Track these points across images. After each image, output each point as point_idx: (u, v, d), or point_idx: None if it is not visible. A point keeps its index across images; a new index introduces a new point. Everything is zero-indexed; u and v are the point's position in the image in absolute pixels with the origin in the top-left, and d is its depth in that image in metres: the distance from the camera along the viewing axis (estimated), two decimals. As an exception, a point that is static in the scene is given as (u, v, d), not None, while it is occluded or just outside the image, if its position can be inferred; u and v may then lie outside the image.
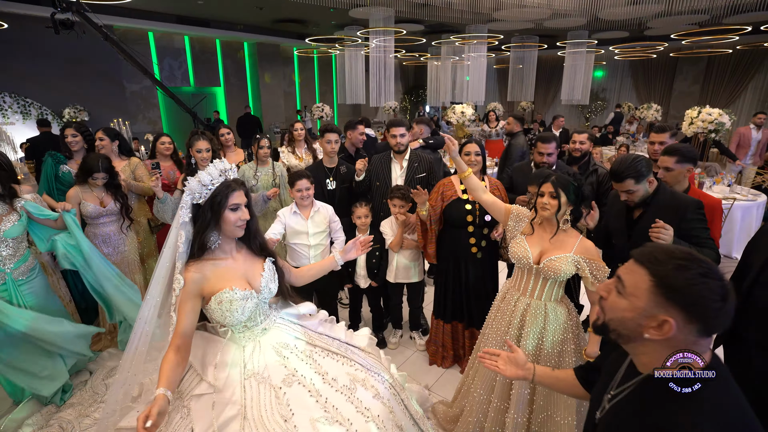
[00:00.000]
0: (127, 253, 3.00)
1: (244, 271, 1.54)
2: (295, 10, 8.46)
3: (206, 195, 1.43)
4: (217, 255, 1.51)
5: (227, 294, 1.43)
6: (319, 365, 1.52)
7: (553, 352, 1.87)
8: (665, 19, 7.95)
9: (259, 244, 1.61)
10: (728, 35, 8.74)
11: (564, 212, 1.81)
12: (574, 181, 1.81)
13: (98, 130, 3.20)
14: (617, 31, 9.59)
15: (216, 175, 1.44)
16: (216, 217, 1.44)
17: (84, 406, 2.43)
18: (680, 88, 13.03)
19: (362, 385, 1.53)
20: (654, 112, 9.57)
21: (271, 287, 1.58)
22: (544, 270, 1.82)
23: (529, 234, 1.92)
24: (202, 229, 1.44)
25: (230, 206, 1.45)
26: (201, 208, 1.44)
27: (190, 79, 10.36)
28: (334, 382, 1.48)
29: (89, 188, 2.81)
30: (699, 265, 0.84)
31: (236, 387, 1.40)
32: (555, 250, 1.82)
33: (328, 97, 14.24)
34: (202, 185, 1.43)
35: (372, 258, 2.91)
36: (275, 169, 3.34)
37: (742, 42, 10.15)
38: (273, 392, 1.40)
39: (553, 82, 14.94)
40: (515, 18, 8.12)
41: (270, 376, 1.43)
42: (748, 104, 12.01)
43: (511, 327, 1.93)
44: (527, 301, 1.91)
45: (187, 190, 1.44)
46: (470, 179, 2.13)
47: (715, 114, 4.57)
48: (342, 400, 1.44)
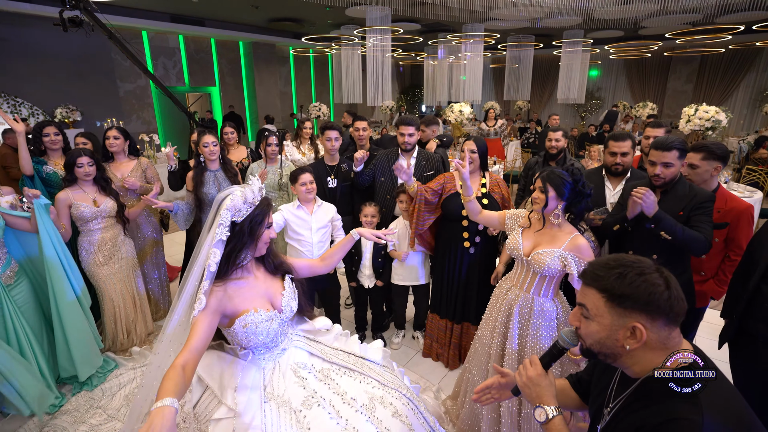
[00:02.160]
0: (124, 261, 2.86)
1: (265, 289, 1.51)
2: (291, 9, 8.42)
3: (246, 212, 1.40)
4: (240, 274, 1.47)
5: (252, 317, 1.40)
6: (337, 384, 1.50)
7: (534, 347, 1.88)
8: (659, 19, 8.01)
9: (274, 263, 1.59)
10: (721, 34, 8.82)
11: (554, 207, 1.81)
12: (567, 178, 1.78)
13: (109, 129, 3.09)
14: (612, 31, 9.64)
15: (257, 192, 1.42)
16: (254, 235, 1.42)
17: (80, 413, 2.37)
18: (674, 86, 13.15)
19: (381, 403, 1.51)
20: (649, 111, 9.63)
21: (293, 306, 1.56)
22: (531, 263, 1.84)
23: (527, 227, 1.94)
24: (239, 248, 1.40)
25: (267, 224, 1.45)
26: (239, 225, 1.40)
27: (185, 79, 10.27)
28: (353, 401, 1.46)
29: (80, 188, 2.65)
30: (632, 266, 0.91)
31: (256, 411, 1.37)
32: (546, 245, 1.83)
33: (324, 96, 14.19)
34: (246, 202, 1.40)
35: (378, 257, 2.89)
36: (283, 168, 3.30)
37: (734, 41, 10.25)
38: (294, 416, 1.37)
39: (548, 81, 15.02)
40: (511, 17, 8.14)
41: (290, 399, 1.41)
42: (741, 102, 12.16)
43: (500, 314, 1.99)
44: (517, 292, 1.95)
45: (229, 207, 1.38)
46: (469, 205, 2.17)
47: (712, 111, 4.59)
48: (362, 420, 1.42)
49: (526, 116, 13.88)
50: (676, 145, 2.01)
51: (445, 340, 2.82)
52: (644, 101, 10.54)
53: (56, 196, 2.59)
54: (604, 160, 2.53)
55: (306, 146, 4.21)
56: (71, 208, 2.61)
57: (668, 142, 2.02)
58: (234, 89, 11.56)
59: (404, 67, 17.02)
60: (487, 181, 2.56)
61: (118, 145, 3.08)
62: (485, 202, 2.49)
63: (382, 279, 2.93)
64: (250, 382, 1.43)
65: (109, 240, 2.77)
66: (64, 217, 2.60)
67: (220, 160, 3.00)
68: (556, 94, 11.18)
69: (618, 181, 2.49)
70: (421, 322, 3.16)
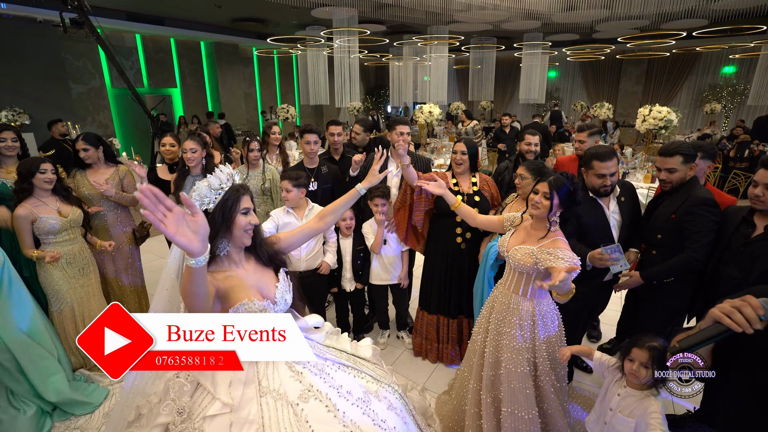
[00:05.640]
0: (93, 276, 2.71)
1: (256, 281, 1.48)
2: (255, 8, 8.24)
3: (215, 200, 1.37)
4: (228, 267, 1.45)
5: (246, 305, 1.38)
6: (332, 378, 1.50)
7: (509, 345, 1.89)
8: (611, 24, 8.51)
9: (267, 253, 1.55)
10: (665, 40, 9.48)
11: (554, 213, 1.82)
12: (570, 186, 1.78)
13: (77, 139, 2.86)
14: (569, 34, 10.13)
15: (224, 179, 1.38)
16: (228, 222, 1.38)
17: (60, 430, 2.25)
18: (625, 87, 13.99)
19: (375, 396, 1.53)
20: (606, 110, 10.18)
21: (287, 298, 1.54)
22: (510, 259, 1.89)
23: (518, 224, 1.99)
24: (212, 236, 1.36)
25: (242, 210, 1.40)
26: (211, 214, 1.37)
27: (143, 80, 9.82)
28: (348, 395, 1.47)
29: (40, 200, 2.43)
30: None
31: (252, 405, 1.35)
32: (527, 242, 1.87)
33: (289, 97, 13.98)
34: (212, 189, 1.36)
35: (357, 260, 2.91)
36: (265, 173, 3.24)
37: (677, 46, 11.02)
38: (291, 409, 1.37)
39: (510, 82, 15.54)
40: (475, 20, 8.37)
41: (286, 393, 1.39)
42: (684, 103, 13.12)
43: (485, 309, 2.05)
44: (500, 289, 2.00)
45: (195, 196, 1.36)
46: (461, 209, 2.21)
47: (664, 112, 4.94)
48: (359, 413, 1.43)
49: (490, 116, 14.29)
50: (680, 151, 2.06)
51: (436, 335, 2.87)
52: (600, 101, 11.12)
53: (14, 213, 2.36)
54: (590, 183, 2.26)
55: (274, 157, 3.74)
56: (35, 223, 2.41)
57: (672, 148, 2.08)
58: (196, 91, 11.17)
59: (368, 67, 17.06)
60: (477, 180, 2.65)
61: (90, 157, 2.86)
62: (477, 199, 2.56)
63: (361, 281, 2.95)
64: (244, 376, 1.40)
65: (78, 252, 2.61)
66: (27, 234, 2.39)
67: (202, 166, 2.91)
68: (517, 95, 11.61)
69: (610, 198, 2.33)
70: (404, 321, 3.20)
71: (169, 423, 1.36)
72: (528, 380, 1.87)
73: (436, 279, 2.76)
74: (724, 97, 12.23)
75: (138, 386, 1.53)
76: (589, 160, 2.21)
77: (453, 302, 2.76)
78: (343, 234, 2.89)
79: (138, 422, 1.51)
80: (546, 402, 1.92)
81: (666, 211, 2.19)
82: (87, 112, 8.80)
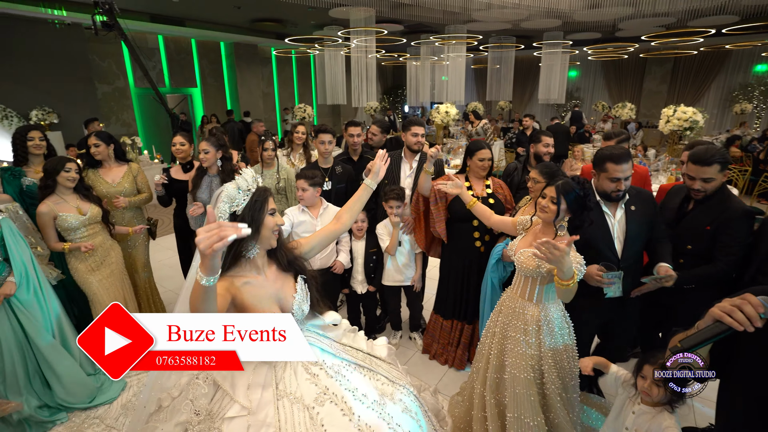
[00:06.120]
0: (114, 266, 2.79)
1: (275, 290, 1.48)
2: (273, 9, 8.33)
3: (244, 201, 1.39)
4: (249, 272, 1.45)
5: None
6: (348, 381, 1.50)
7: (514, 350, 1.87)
8: (635, 21, 8.28)
9: (287, 258, 1.56)
10: (693, 37, 9.17)
11: (562, 218, 1.79)
12: (580, 191, 1.73)
13: (90, 135, 2.97)
14: (590, 32, 9.90)
15: (250, 180, 1.40)
16: (257, 223, 1.39)
17: (77, 423, 2.32)
18: (649, 87, 13.59)
19: (390, 399, 1.52)
20: (628, 111, 9.92)
21: (304, 308, 1.53)
22: (516, 262, 1.87)
23: (529, 228, 1.97)
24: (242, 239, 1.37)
25: (269, 211, 1.42)
26: (239, 215, 1.39)
27: (165, 80, 10.05)
28: (364, 398, 1.47)
29: (61, 197, 2.53)
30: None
31: (270, 408, 1.36)
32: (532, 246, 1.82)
33: (307, 97, 14.10)
34: (241, 191, 1.38)
35: (369, 262, 2.90)
36: (280, 172, 3.27)
37: (705, 44, 10.66)
38: (306, 412, 1.37)
39: (529, 82, 15.30)
40: (494, 19, 8.26)
41: (302, 396, 1.40)
42: (712, 103, 12.65)
43: (494, 314, 2.03)
44: (508, 293, 1.98)
45: (224, 198, 1.37)
46: (476, 208, 2.20)
47: (690, 112, 4.77)
48: (374, 416, 1.42)
49: (508, 116, 14.11)
50: (717, 159, 1.92)
51: (449, 340, 2.84)
52: (622, 101, 10.84)
53: (38, 209, 2.46)
54: (601, 187, 2.05)
55: (297, 156, 3.85)
56: (56, 220, 2.51)
57: (708, 156, 1.93)
58: (216, 90, 11.38)
59: (386, 67, 17.06)
60: (490, 183, 2.64)
61: (101, 152, 2.96)
62: (491, 201, 2.55)
63: (373, 284, 2.94)
64: (262, 379, 1.42)
65: (98, 246, 2.70)
66: (51, 229, 2.50)
67: (218, 166, 2.96)
68: (536, 95, 11.41)
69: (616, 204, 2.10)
70: (417, 323, 3.18)
71: (187, 421, 1.39)
72: (532, 387, 1.83)
73: (452, 283, 2.73)
74: (756, 97, 11.77)
75: (157, 381, 1.56)
76: (603, 161, 2.00)
77: (470, 307, 2.73)
78: (355, 236, 2.89)
79: (157, 415, 1.54)
80: (552, 412, 1.87)
81: (700, 222, 2.05)
82: (111, 112, 9.06)
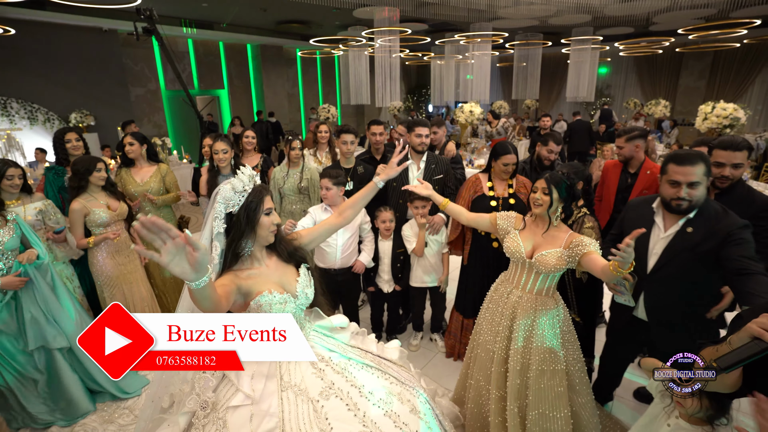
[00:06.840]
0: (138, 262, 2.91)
1: (278, 277, 1.50)
2: (298, 11, 8.43)
3: (239, 202, 1.40)
4: (250, 265, 1.48)
5: (266, 297, 1.39)
6: (354, 378, 1.49)
7: (541, 346, 1.88)
8: (671, 14, 7.91)
9: (287, 250, 1.57)
10: (736, 29, 8.67)
11: (555, 209, 1.85)
12: (566, 180, 1.83)
13: (125, 135, 3.14)
14: (622, 27, 9.54)
15: (247, 181, 1.41)
16: (252, 223, 1.41)
17: (108, 412, 2.42)
18: (686, 83, 12.98)
19: (398, 399, 1.49)
20: (662, 108, 9.51)
21: (308, 293, 1.55)
22: (536, 264, 1.86)
23: (522, 229, 1.98)
24: (237, 237, 1.40)
25: (265, 211, 1.43)
26: (235, 216, 1.41)
27: (194, 82, 10.35)
28: (370, 395, 1.45)
29: (92, 195, 2.66)
30: None
31: (273, 399, 1.37)
32: (547, 245, 1.86)
33: (331, 97, 14.23)
34: (236, 192, 1.40)
35: (396, 263, 2.89)
36: (304, 172, 3.29)
37: (749, 36, 10.07)
38: (311, 405, 1.37)
39: (557, 80, 14.89)
40: (520, 16, 8.08)
41: (307, 389, 1.40)
42: (756, 98, 11.95)
43: (503, 318, 1.99)
44: (519, 294, 1.96)
45: (220, 198, 1.40)
46: (449, 208, 2.22)
47: (730, 109, 4.51)
48: (380, 414, 1.41)
49: (535, 115, 13.79)
50: (746, 145, 1.99)
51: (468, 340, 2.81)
52: (656, 98, 10.38)
53: (71, 207, 2.60)
54: (663, 192, 1.78)
55: (323, 153, 3.93)
56: (88, 216, 2.63)
57: (737, 143, 2.00)
58: (242, 92, 11.63)
59: (409, 66, 16.99)
60: (513, 183, 2.61)
61: (134, 151, 3.12)
62: (512, 202, 2.54)
63: (400, 284, 2.93)
64: (266, 370, 1.42)
65: (124, 242, 2.82)
66: (80, 226, 2.62)
67: (231, 166, 3.02)
68: (564, 93, 11.09)
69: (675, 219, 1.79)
70: (439, 324, 3.15)
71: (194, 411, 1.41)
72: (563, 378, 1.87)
73: (471, 282, 2.72)
74: (804, 92, 11.05)
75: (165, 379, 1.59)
76: (666, 162, 1.77)
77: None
78: (383, 236, 2.87)
79: (171, 410, 1.58)
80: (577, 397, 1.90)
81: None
82: (143, 114, 9.41)
